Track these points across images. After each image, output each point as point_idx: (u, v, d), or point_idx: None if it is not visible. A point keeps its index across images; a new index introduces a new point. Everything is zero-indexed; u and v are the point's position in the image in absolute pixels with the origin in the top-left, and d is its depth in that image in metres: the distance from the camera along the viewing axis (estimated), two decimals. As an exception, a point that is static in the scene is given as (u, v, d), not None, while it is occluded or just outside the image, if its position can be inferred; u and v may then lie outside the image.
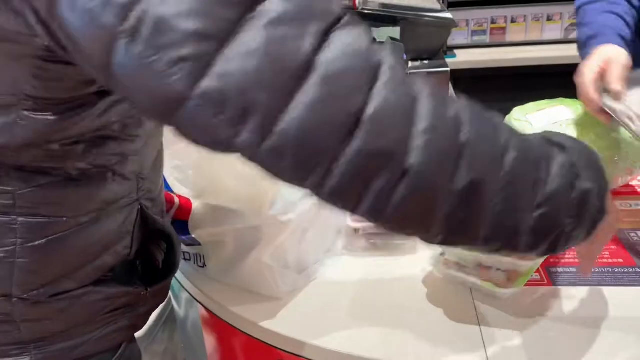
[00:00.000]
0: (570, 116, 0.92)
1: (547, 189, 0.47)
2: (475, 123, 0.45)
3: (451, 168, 0.43)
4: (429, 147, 0.42)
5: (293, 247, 0.77)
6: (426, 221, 0.45)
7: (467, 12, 2.14)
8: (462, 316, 0.71)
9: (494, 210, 0.45)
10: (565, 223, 0.49)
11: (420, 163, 0.42)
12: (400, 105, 0.42)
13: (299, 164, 0.42)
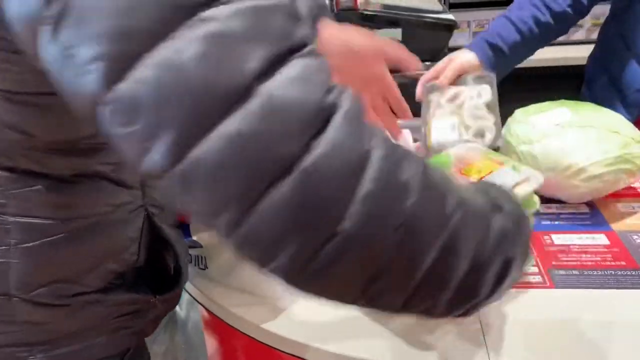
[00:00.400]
0: (572, 118, 0.92)
1: (479, 260, 0.44)
2: (424, 193, 0.40)
3: (388, 239, 0.38)
4: (369, 215, 0.37)
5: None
6: (346, 289, 0.41)
7: (469, 13, 2.14)
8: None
9: (421, 281, 0.41)
10: (484, 292, 0.47)
11: (355, 229, 0.37)
12: (347, 162, 0.36)
13: (209, 200, 0.36)
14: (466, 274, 0.43)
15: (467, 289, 0.45)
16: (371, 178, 0.37)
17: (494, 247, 0.45)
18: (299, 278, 0.40)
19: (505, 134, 0.99)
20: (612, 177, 0.87)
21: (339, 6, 1.20)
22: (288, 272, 0.39)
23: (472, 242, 0.43)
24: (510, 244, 0.47)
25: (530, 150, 0.91)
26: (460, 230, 0.42)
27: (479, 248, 0.44)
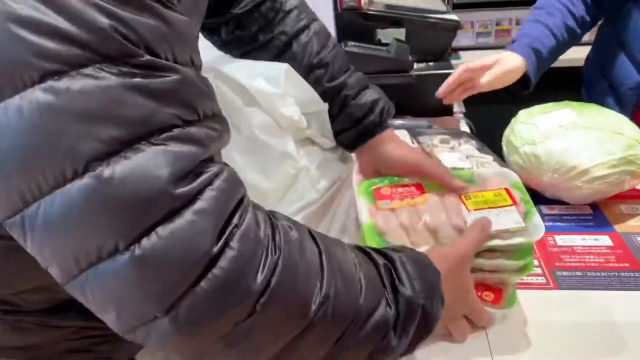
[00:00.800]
0: (576, 119, 0.92)
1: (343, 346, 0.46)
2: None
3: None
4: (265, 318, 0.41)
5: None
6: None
7: (472, 14, 2.13)
8: (467, 319, 0.71)
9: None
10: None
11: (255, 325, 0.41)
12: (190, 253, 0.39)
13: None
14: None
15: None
16: (211, 278, 0.39)
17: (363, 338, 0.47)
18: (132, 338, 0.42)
19: (509, 135, 0.99)
20: (615, 179, 0.87)
21: (343, 6, 1.20)
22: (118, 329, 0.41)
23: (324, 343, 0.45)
24: (388, 331, 0.48)
25: (534, 151, 0.91)
26: (308, 334, 0.43)
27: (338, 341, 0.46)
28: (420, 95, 1.19)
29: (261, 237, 0.41)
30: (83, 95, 0.35)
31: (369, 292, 0.47)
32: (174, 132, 0.38)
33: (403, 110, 1.20)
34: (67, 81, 0.35)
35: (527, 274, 0.69)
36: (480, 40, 2.18)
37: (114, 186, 0.36)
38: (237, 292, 0.39)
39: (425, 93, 1.20)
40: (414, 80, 1.16)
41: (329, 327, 0.44)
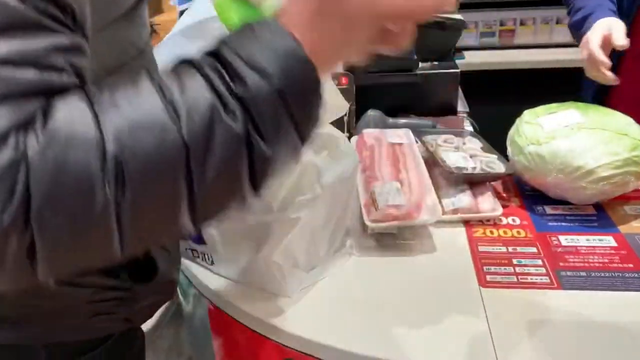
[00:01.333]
0: (581, 120, 0.92)
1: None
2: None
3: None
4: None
5: (302, 245, 0.77)
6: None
7: (476, 14, 2.13)
8: (472, 318, 0.71)
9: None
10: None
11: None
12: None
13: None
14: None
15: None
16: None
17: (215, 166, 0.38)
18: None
19: (514, 135, 0.99)
20: (620, 180, 0.87)
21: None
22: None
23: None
24: (249, 143, 0.38)
25: (538, 151, 0.91)
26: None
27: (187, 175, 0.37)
28: (425, 94, 1.19)
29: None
30: None
31: (192, 116, 0.37)
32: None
33: (407, 110, 1.20)
34: None
35: None
36: (484, 40, 2.18)
37: None
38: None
39: (429, 92, 1.20)
40: (418, 79, 1.16)
41: (152, 185, 0.37)
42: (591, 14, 1.07)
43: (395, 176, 0.91)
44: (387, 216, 0.83)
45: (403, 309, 0.74)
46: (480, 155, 1.02)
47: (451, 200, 0.92)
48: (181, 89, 0.38)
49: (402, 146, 1.01)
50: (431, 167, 0.98)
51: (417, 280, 0.79)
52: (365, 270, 0.82)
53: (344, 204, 0.82)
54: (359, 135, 1.07)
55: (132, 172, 0.36)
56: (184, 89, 0.38)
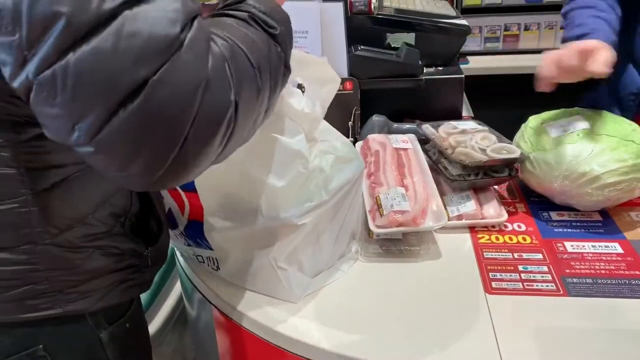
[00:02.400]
0: (587, 126, 0.92)
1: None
2: (242, 87, 0.52)
3: (220, 135, 0.50)
4: (205, 121, 0.47)
5: (308, 251, 0.77)
6: (189, 177, 0.52)
7: (481, 19, 2.14)
8: (478, 325, 0.71)
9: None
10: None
11: (195, 134, 0.47)
12: (188, 84, 0.46)
13: (72, 105, 0.44)
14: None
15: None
16: (207, 98, 0.47)
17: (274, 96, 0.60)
18: (152, 183, 0.49)
19: (519, 140, 0.99)
20: (626, 186, 0.87)
21: (353, 10, 1.20)
22: (142, 178, 0.48)
23: (268, 100, 0.58)
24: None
25: (544, 156, 0.91)
26: (264, 96, 0.56)
27: (271, 101, 0.59)
28: (429, 99, 1.19)
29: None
30: None
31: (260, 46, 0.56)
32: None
33: (412, 115, 1.20)
34: None
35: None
36: (488, 45, 2.18)
37: (133, 28, 0.44)
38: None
39: (434, 97, 1.20)
40: (423, 84, 1.16)
41: (266, 75, 0.56)
42: (586, 35, 0.97)
43: (400, 181, 0.91)
44: (392, 222, 0.83)
45: (408, 315, 0.74)
46: (490, 139, 1.00)
47: (456, 206, 0.92)
48: (253, 32, 0.56)
49: (407, 151, 1.01)
50: (436, 172, 0.98)
51: (422, 286, 0.79)
52: (370, 276, 0.82)
53: (349, 209, 0.82)
54: (363, 141, 1.07)
55: (262, 69, 0.55)
56: (255, 33, 0.57)
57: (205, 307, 0.86)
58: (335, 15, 1.09)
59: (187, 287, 0.93)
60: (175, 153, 0.47)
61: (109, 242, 0.67)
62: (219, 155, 0.53)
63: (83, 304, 0.66)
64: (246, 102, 0.52)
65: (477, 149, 0.95)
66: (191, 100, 0.46)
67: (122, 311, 0.73)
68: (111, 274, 0.68)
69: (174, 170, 0.48)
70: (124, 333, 0.73)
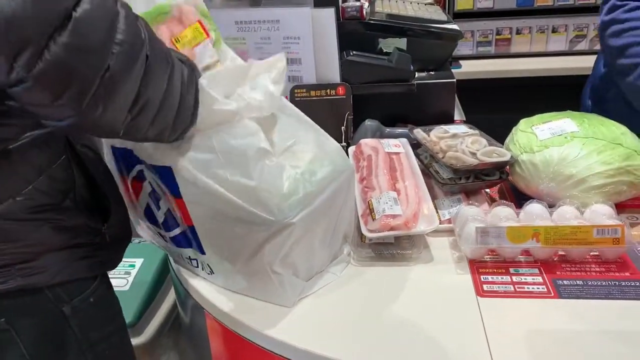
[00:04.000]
0: (576, 129, 0.93)
1: (184, 94, 0.65)
2: (152, 43, 0.60)
3: (137, 73, 0.58)
4: (125, 55, 0.55)
5: (301, 254, 0.78)
6: (117, 117, 0.59)
7: (473, 23, 2.15)
8: (469, 328, 0.71)
9: (162, 106, 0.62)
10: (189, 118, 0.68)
11: (118, 66, 0.55)
12: (105, 16, 0.54)
13: (8, 42, 0.50)
14: (179, 105, 0.64)
15: (184, 115, 0.66)
16: (122, 30, 0.55)
17: (188, 85, 0.66)
18: (80, 112, 0.55)
19: (509, 143, 1.00)
20: (612, 189, 0.87)
21: (345, 15, 1.21)
22: (73, 107, 0.55)
23: (179, 81, 0.64)
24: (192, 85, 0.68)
25: (532, 159, 0.92)
26: (173, 72, 0.63)
27: (182, 84, 0.65)
28: (421, 104, 1.20)
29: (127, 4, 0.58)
30: None
31: (178, 57, 0.67)
32: None
33: (404, 119, 1.20)
34: None
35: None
36: (480, 49, 2.20)
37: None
38: (138, 38, 0.58)
39: (426, 102, 1.20)
40: (415, 89, 1.17)
41: (177, 68, 0.64)
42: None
43: (393, 186, 0.91)
44: (384, 226, 0.83)
45: (400, 319, 0.74)
46: (481, 142, 1.00)
47: (447, 210, 0.93)
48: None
49: (399, 156, 1.01)
50: (428, 176, 0.99)
51: (414, 290, 0.80)
52: (363, 280, 0.82)
53: (341, 211, 0.83)
54: (356, 145, 1.07)
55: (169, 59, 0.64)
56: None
57: (199, 312, 0.86)
58: (327, 21, 1.10)
59: (181, 293, 0.94)
60: (99, 80, 0.54)
61: (56, 215, 0.70)
62: (139, 111, 0.59)
63: (39, 278, 0.69)
64: (156, 59, 0.60)
65: (467, 153, 0.96)
66: (110, 29, 0.54)
67: (85, 286, 0.76)
68: (67, 250, 0.72)
69: (97, 101, 0.55)
70: (88, 307, 0.76)
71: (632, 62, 1.05)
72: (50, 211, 0.70)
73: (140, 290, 1.28)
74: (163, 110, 0.63)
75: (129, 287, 1.29)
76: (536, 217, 0.84)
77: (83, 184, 0.75)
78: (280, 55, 0.80)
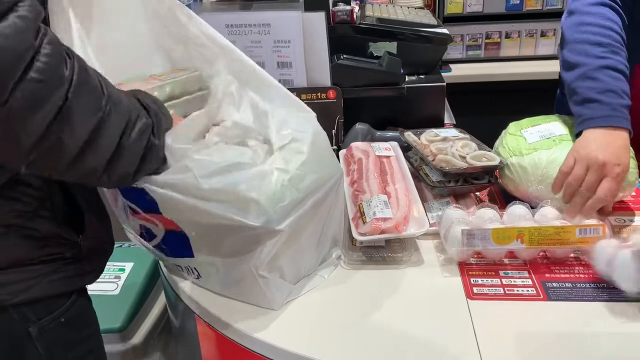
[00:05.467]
0: (564, 132, 0.94)
1: (124, 143, 0.62)
2: (80, 87, 0.57)
3: (46, 116, 0.55)
4: (32, 93, 0.53)
5: (289, 258, 0.77)
6: (13, 153, 0.56)
7: (463, 27, 2.17)
8: (459, 330, 0.72)
9: (77, 150, 0.58)
10: (134, 170, 0.65)
11: (19, 103, 0.52)
12: (16, 49, 0.52)
13: None
14: (113, 154, 0.62)
15: (122, 163, 0.63)
16: (37, 68, 0.53)
17: (136, 135, 0.64)
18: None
19: (498, 146, 1.00)
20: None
21: (335, 19, 1.22)
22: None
23: (118, 130, 0.61)
24: (150, 133, 0.66)
25: (520, 162, 0.92)
26: (107, 121, 0.60)
27: (124, 134, 0.62)
28: (412, 107, 1.20)
29: (61, 45, 0.57)
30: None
31: (132, 106, 0.65)
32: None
33: (394, 123, 1.21)
34: None
35: None
36: (470, 53, 2.21)
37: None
38: (56, 79, 0.55)
39: (416, 105, 1.21)
40: (405, 93, 1.17)
41: (116, 118, 0.61)
42: (600, 102, 0.87)
43: (383, 189, 0.92)
44: (375, 229, 0.83)
45: (391, 322, 0.74)
46: (471, 146, 1.01)
47: (437, 213, 0.93)
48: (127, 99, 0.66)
49: (389, 159, 1.02)
50: (418, 179, 0.99)
51: (404, 293, 0.80)
52: (353, 283, 0.83)
53: (329, 214, 0.83)
54: (347, 149, 1.07)
55: (114, 107, 0.62)
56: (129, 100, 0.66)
57: (189, 316, 0.86)
58: (317, 24, 1.10)
59: (171, 297, 0.93)
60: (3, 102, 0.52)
61: (27, 223, 0.67)
62: (47, 149, 0.56)
63: (2, 296, 0.65)
64: (81, 102, 0.57)
65: (457, 157, 0.97)
66: (18, 62, 0.52)
67: (57, 305, 0.71)
68: (35, 265, 0.67)
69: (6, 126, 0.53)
70: (58, 327, 0.71)
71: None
72: (21, 217, 0.66)
73: (130, 294, 1.27)
74: (84, 154, 0.59)
75: (118, 291, 1.28)
76: (519, 218, 0.85)
77: (58, 194, 0.71)
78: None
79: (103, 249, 0.79)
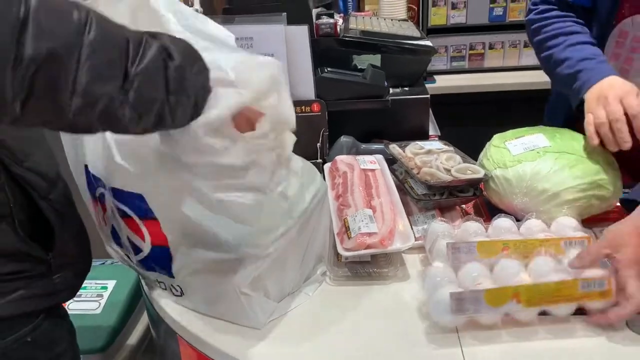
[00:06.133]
0: (548, 144, 0.94)
1: (137, 67, 0.52)
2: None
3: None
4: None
5: (272, 276, 0.76)
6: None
7: (446, 39, 2.18)
8: (447, 346, 0.71)
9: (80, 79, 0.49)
10: (162, 97, 0.54)
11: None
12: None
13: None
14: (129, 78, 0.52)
15: (139, 91, 0.53)
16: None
17: (151, 57, 0.53)
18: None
19: (483, 158, 1.00)
20: (584, 203, 0.88)
21: (319, 32, 1.22)
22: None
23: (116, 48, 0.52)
24: (170, 55, 0.55)
25: (504, 174, 0.92)
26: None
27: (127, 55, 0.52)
28: (396, 120, 1.20)
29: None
30: None
31: (127, 32, 0.54)
32: None
33: (379, 135, 1.21)
34: None
35: None
36: (454, 64, 2.22)
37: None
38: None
39: (401, 117, 1.21)
40: (389, 105, 1.17)
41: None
42: (583, 70, 0.96)
43: (368, 203, 0.91)
44: (360, 244, 0.82)
45: (377, 339, 0.73)
46: (456, 159, 1.01)
47: (422, 226, 0.93)
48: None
49: (374, 172, 1.01)
50: (403, 192, 0.99)
51: (391, 308, 0.79)
52: (339, 299, 0.81)
53: (314, 231, 0.82)
54: (331, 162, 1.07)
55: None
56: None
57: (171, 336, 0.84)
58: (300, 38, 1.10)
59: (153, 316, 0.91)
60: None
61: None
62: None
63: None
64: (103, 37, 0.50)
65: (442, 169, 0.97)
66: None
67: (22, 324, 0.68)
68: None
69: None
70: (24, 346, 0.68)
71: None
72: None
73: (113, 313, 1.24)
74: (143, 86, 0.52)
75: (101, 310, 1.25)
76: (505, 231, 0.85)
77: (22, 208, 0.68)
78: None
79: (77, 266, 0.75)
